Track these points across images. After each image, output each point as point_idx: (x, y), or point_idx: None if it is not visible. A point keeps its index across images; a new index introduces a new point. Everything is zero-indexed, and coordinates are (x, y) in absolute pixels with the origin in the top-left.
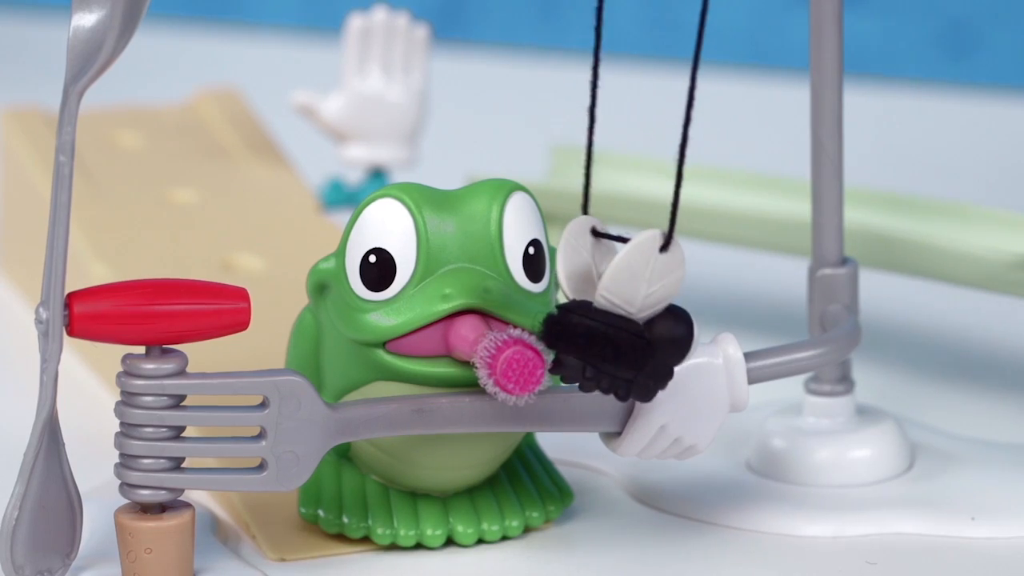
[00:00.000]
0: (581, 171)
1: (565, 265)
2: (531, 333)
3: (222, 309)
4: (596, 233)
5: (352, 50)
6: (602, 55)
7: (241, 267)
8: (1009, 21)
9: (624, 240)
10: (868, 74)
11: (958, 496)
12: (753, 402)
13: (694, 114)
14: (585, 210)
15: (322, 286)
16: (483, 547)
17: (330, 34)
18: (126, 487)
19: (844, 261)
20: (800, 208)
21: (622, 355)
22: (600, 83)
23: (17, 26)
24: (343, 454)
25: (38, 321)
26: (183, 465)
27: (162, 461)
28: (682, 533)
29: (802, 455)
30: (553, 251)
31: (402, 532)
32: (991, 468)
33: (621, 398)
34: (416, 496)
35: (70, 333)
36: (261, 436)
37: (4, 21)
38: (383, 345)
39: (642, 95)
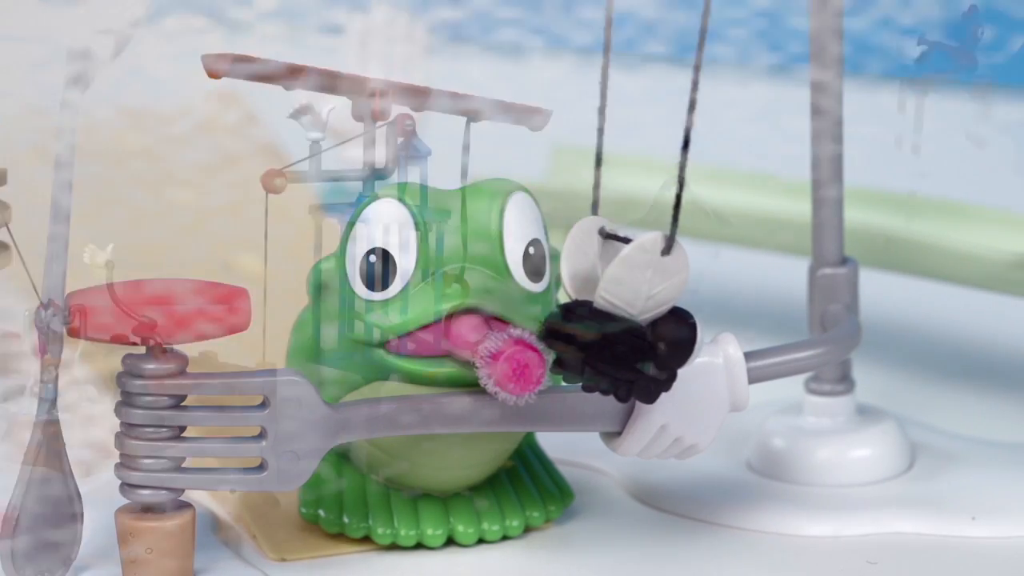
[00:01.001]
0: (581, 171)
1: (569, 265)
2: (531, 333)
3: (222, 309)
4: (605, 234)
5: (352, 50)
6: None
7: (241, 267)
8: (1009, 21)
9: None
10: (868, 74)
11: (958, 496)
12: (753, 402)
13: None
14: (595, 210)
15: (322, 286)
16: (483, 547)
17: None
18: (127, 487)
19: (844, 261)
20: (800, 208)
21: (621, 356)
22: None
23: None
24: (343, 454)
25: (38, 321)
26: (183, 465)
27: (162, 461)
28: (682, 533)
29: (802, 455)
30: (554, 251)
31: (403, 532)
32: (991, 468)
33: (621, 399)
34: (416, 496)
35: (70, 333)
36: (261, 436)
37: None
38: (383, 345)
39: (642, 95)
